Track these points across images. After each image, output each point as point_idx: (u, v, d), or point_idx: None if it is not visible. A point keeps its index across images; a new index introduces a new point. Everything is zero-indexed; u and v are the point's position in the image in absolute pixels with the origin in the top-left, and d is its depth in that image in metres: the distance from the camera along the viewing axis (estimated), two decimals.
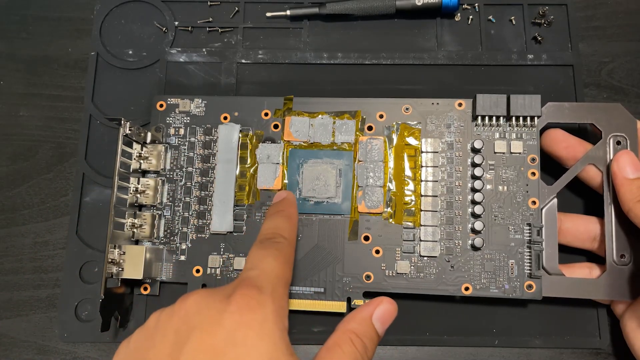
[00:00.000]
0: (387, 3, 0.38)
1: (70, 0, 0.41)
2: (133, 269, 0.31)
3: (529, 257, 0.31)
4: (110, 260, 0.31)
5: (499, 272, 0.31)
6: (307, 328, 0.34)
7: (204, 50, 0.39)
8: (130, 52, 0.39)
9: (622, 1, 0.40)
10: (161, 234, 0.33)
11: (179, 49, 0.39)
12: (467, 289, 0.31)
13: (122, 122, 0.31)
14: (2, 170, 0.38)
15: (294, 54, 0.39)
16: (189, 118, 0.35)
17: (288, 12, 0.39)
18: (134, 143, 0.33)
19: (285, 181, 0.33)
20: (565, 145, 0.33)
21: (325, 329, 0.34)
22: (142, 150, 0.34)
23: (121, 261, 0.31)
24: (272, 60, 0.39)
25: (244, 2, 0.40)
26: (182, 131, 0.35)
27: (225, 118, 0.35)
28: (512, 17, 0.39)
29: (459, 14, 0.39)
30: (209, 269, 0.33)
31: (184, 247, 0.33)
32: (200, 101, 0.35)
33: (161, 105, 0.35)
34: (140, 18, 0.40)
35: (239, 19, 0.40)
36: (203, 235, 0.33)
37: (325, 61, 0.38)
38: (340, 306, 0.32)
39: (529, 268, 0.31)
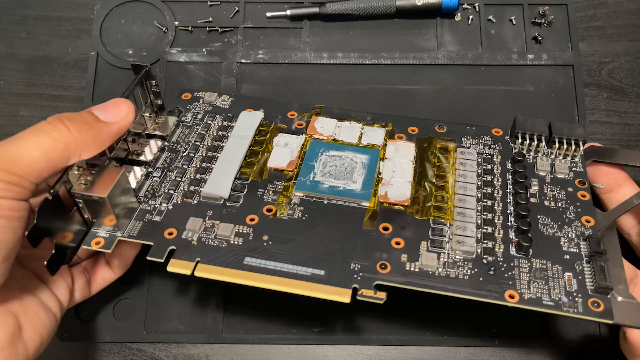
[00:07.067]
0: (387, 3, 0.38)
1: (70, 0, 0.41)
2: (99, 187, 0.25)
3: (590, 272, 0.26)
4: (76, 167, 0.25)
5: (554, 284, 0.26)
6: (307, 328, 0.34)
7: (204, 50, 0.39)
8: (130, 52, 0.39)
9: (622, 1, 0.40)
10: (141, 194, 0.29)
11: (179, 49, 0.39)
12: (512, 296, 0.25)
13: (148, 68, 0.29)
14: None
15: (294, 54, 0.39)
16: (211, 107, 0.33)
17: (288, 12, 0.39)
18: (145, 107, 0.31)
19: (301, 166, 0.30)
20: (605, 172, 0.31)
21: (326, 329, 0.34)
22: (152, 115, 0.31)
23: (89, 178, 0.26)
24: (272, 60, 0.39)
25: (244, 2, 0.40)
26: (199, 116, 0.33)
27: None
28: (512, 17, 0.39)
29: (459, 14, 0.39)
30: (185, 232, 0.27)
31: (163, 208, 0.28)
32: (227, 97, 0.34)
33: (186, 96, 0.34)
34: (140, 18, 0.40)
35: (239, 19, 0.40)
36: (190, 201, 0.29)
37: (325, 61, 0.38)
38: (342, 293, 0.24)
39: (591, 284, 0.26)
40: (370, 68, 0.38)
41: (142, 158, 0.30)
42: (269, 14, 0.39)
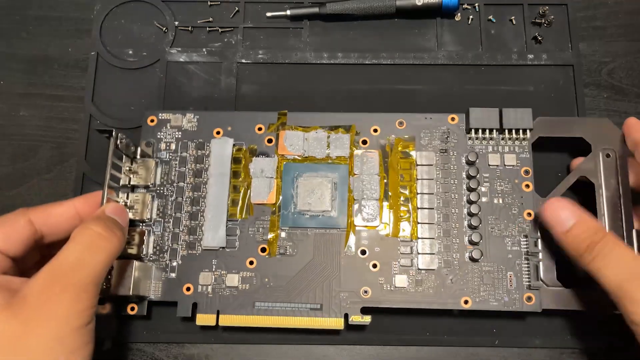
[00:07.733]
0: (387, 3, 0.38)
1: (70, 0, 0.41)
2: (121, 285, 0.30)
3: (527, 269, 0.31)
4: None
5: (498, 285, 0.31)
6: (307, 328, 0.34)
7: (204, 50, 0.39)
8: (130, 52, 0.39)
9: (622, 1, 0.40)
10: (150, 251, 0.32)
11: (179, 49, 0.39)
12: (466, 302, 0.31)
13: (114, 133, 0.30)
14: (2, 170, 0.38)
15: (294, 54, 0.39)
16: (180, 133, 0.34)
17: (288, 12, 0.39)
18: (124, 157, 0.32)
19: (280, 196, 0.33)
20: None
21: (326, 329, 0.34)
22: (132, 164, 0.33)
23: (108, 277, 0.30)
24: (272, 60, 0.39)
25: (244, 2, 0.40)
26: (173, 146, 0.34)
27: (218, 133, 0.34)
28: (512, 17, 0.39)
29: (459, 14, 0.39)
30: (200, 287, 0.32)
31: (174, 264, 0.32)
32: (192, 116, 0.34)
33: (152, 121, 0.34)
34: (140, 18, 0.40)
35: (239, 19, 0.40)
36: (194, 252, 0.32)
37: (325, 61, 0.38)
38: (337, 323, 0.31)
39: (527, 280, 0.31)
40: (370, 68, 0.38)
41: (138, 217, 0.32)
42: (269, 14, 0.39)
